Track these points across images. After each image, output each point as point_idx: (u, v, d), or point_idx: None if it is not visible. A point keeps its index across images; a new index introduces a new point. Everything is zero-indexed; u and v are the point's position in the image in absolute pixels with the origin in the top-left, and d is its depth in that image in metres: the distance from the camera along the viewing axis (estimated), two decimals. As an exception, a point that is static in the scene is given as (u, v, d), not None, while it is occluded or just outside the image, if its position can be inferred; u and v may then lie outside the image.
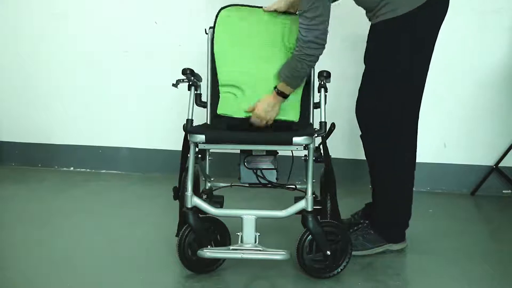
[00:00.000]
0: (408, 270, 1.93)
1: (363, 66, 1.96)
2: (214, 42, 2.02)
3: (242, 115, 1.96)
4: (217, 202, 2.09)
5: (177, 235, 1.91)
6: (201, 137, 1.72)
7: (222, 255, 1.75)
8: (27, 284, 1.75)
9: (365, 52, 1.94)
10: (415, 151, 1.98)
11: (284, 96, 1.89)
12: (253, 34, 2.01)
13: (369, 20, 1.92)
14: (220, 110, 1.98)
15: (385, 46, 1.85)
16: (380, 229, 1.99)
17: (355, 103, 1.99)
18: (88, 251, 2.02)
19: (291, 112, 1.97)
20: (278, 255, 1.69)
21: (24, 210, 2.51)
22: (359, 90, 1.96)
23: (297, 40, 1.80)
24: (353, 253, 1.83)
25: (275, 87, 1.89)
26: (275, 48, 1.99)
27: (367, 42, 1.94)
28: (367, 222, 2.04)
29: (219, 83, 1.99)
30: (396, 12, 1.77)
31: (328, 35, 1.79)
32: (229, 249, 1.72)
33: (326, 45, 1.79)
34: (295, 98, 1.97)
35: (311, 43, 1.75)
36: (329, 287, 1.73)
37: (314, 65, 1.87)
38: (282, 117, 1.95)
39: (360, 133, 1.99)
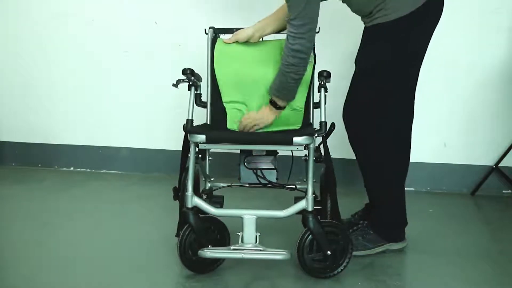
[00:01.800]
0: (408, 270, 1.94)
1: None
2: (215, 68, 2.01)
3: None
4: (217, 202, 2.09)
5: (177, 235, 1.91)
6: (201, 137, 1.72)
7: (223, 255, 1.75)
8: (27, 284, 1.75)
9: (357, 53, 1.94)
10: (409, 150, 1.98)
11: (278, 107, 1.88)
12: (252, 53, 2.01)
13: (364, 24, 1.93)
14: (229, 126, 1.98)
15: (375, 49, 1.86)
16: (380, 229, 1.99)
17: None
18: (88, 251, 2.02)
19: (294, 121, 1.97)
20: (279, 255, 1.69)
21: (24, 210, 2.51)
22: (347, 93, 1.97)
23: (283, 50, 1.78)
24: (354, 253, 1.83)
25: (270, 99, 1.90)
26: (276, 64, 1.99)
27: (360, 44, 1.94)
28: (366, 222, 2.04)
29: (223, 100, 1.99)
30: (388, 17, 1.78)
31: (328, 34, 1.79)
32: (230, 249, 1.72)
33: (327, 46, 1.79)
34: (299, 107, 1.96)
35: (297, 52, 1.73)
36: (329, 287, 1.73)
37: (301, 77, 1.82)
38: (285, 127, 1.96)
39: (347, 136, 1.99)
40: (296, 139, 1.70)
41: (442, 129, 2.90)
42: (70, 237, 2.17)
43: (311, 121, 2.01)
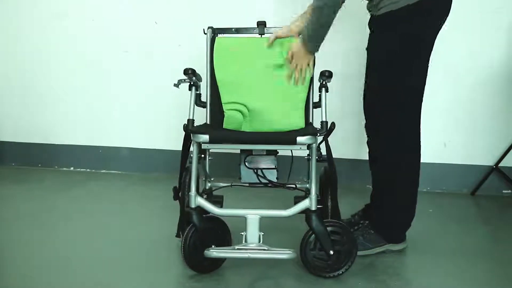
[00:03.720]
0: (408, 270, 1.93)
1: (362, 66, 1.96)
2: (215, 68, 2.02)
3: (248, 129, 1.97)
4: (217, 202, 2.09)
5: (177, 236, 1.91)
6: (204, 137, 1.72)
7: (229, 254, 1.75)
8: (27, 284, 1.75)
9: (368, 43, 1.93)
10: (419, 152, 1.97)
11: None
12: (252, 54, 2.02)
13: (370, 11, 1.92)
14: (226, 126, 1.98)
15: (387, 39, 1.84)
16: (381, 229, 1.99)
17: (354, 103, 1.99)
18: (88, 251, 2.02)
19: (296, 121, 1.97)
20: (285, 254, 1.69)
21: (24, 210, 2.51)
22: (364, 85, 1.97)
23: None
24: None
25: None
26: (275, 62, 2.00)
27: (370, 33, 1.93)
28: (367, 222, 2.03)
29: (222, 101, 1.99)
30: (398, 4, 1.77)
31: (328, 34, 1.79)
32: (235, 249, 1.72)
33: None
34: (299, 105, 1.97)
35: None
36: (329, 286, 1.73)
37: (328, 18, 1.80)
38: (288, 128, 1.96)
39: (366, 132, 1.99)
40: (299, 139, 1.70)
41: (442, 129, 2.90)
42: (70, 237, 2.17)
43: (310, 120, 2.01)
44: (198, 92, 1.99)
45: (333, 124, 1.80)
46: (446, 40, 2.69)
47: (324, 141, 1.82)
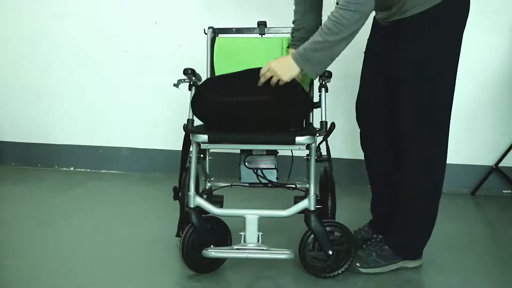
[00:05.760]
0: (407, 270, 1.93)
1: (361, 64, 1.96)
2: (215, 68, 2.03)
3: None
4: (217, 202, 2.09)
5: (177, 235, 1.91)
6: (203, 137, 1.72)
7: (226, 254, 1.75)
8: (27, 284, 1.75)
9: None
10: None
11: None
12: (252, 54, 2.03)
13: (388, 19, 1.78)
14: None
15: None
16: (396, 245, 1.86)
17: (354, 103, 1.98)
18: (88, 251, 2.02)
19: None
20: (283, 254, 1.69)
21: (24, 210, 2.51)
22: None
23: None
24: (365, 270, 1.81)
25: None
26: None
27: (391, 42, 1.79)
28: (380, 237, 1.93)
29: None
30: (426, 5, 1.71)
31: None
32: (233, 249, 1.72)
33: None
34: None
35: (336, 23, 1.57)
36: (328, 286, 1.73)
37: (333, 54, 1.62)
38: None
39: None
40: (298, 139, 1.70)
41: (442, 129, 2.90)
42: (70, 237, 2.17)
43: (310, 120, 2.01)
44: (198, 92, 1.99)
45: (332, 124, 1.80)
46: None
47: (324, 141, 1.82)
